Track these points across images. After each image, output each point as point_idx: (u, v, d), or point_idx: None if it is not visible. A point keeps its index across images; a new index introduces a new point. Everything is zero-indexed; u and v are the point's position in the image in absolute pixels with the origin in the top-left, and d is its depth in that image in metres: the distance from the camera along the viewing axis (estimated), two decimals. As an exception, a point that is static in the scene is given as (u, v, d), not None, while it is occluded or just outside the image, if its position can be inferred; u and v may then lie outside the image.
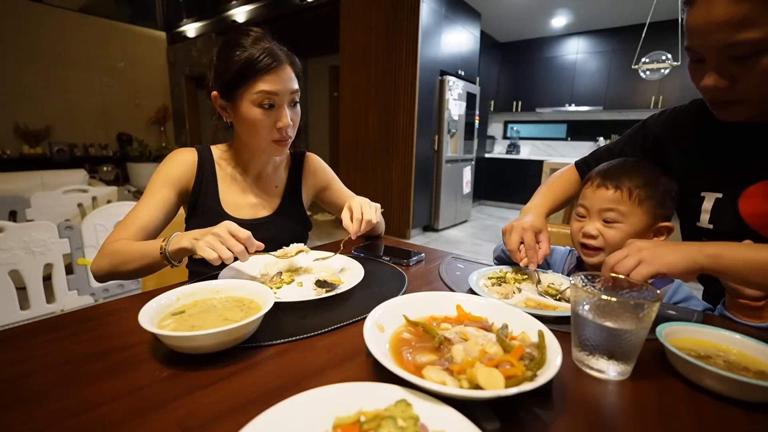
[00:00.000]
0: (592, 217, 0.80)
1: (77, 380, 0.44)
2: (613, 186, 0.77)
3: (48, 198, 2.60)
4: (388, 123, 4.05)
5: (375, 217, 0.83)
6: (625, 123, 5.57)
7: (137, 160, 6.19)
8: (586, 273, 0.55)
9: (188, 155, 0.91)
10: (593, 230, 0.79)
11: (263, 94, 0.80)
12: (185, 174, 0.89)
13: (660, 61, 3.54)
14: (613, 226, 0.78)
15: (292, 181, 1.03)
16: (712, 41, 0.56)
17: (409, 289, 0.74)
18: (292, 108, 0.87)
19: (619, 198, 0.77)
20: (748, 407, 0.42)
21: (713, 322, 0.63)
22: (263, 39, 0.82)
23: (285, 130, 0.85)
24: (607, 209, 0.78)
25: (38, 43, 5.60)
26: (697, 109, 0.81)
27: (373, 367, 0.47)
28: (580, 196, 0.85)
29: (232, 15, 5.76)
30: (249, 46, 0.80)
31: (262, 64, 0.79)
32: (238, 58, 0.79)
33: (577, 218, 0.84)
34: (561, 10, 4.81)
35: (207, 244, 0.65)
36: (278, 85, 0.81)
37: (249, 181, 0.97)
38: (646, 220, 0.77)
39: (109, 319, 0.59)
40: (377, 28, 3.96)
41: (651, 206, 0.76)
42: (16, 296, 1.68)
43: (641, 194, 0.76)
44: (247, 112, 0.82)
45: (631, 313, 0.45)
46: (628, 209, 0.76)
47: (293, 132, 0.89)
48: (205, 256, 0.64)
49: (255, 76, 0.80)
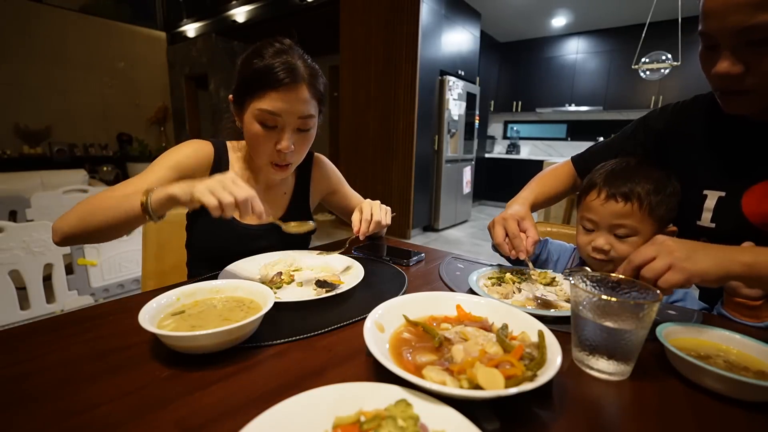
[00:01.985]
0: (602, 230, 0.77)
1: (77, 380, 0.44)
2: (623, 198, 0.74)
3: (48, 198, 2.60)
4: (388, 123, 4.05)
5: (385, 219, 0.82)
6: (625, 123, 5.50)
7: (137, 160, 6.20)
8: (586, 273, 0.55)
9: (204, 148, 0.87)
10: (605, 245, 0.75)
11: (263, 113, 0.76)
12: (196, 166, 0.84)
13: (660, 61, 3.54)
14: (626, 241, 0.75)
15: (300, 185, 1.01)
16: (729, 23, 0.55)
17: (409, 289, 0.74)
18: (301, 133, 0.81)
19: (629, 211, 0.73)
20: (748, 407, 0.42)
21: (713, 322, 0.63)
22: (287, 52, 0.77)
23: (284, 154, 0.79)
24: (619, 225, 0.74)
25: (38, 43, 5.60)
26: (700, 105, 0.80)
27: (373, 367, 0.47)
28: (584, 208, 0.81)
29: (232, 15, 5.76)
30: (269, 56, 0.76)
31: (271, 78, 0.74)
32: (254, 66, 0.76)
33: (584, 231, 0.81)
34: (561, 10, 4.81)
35: (207, 187, 0.59)
36: (283, 106, 0.75)
37: (259, 188, 0.94)
38: (656, 227, 0.75)
39: (109, 319, 0.59)
40: (377, 28, 3.96)
41: (661, 213, 0.74)
42: (16, 296, 1.68)
43: (652, 202, 0.73)
44: (249, 125, 0.79)
45: (631, 313, 0.45)
46: (639, 221, 0.73)
47: (297, 158, 0.84)
48: (204, 200, 0.59)
49: (262, 90, 0.75)
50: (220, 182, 0.60)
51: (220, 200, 0.58)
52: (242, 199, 0.60)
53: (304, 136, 0.82)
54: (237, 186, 0.61)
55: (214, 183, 0.60)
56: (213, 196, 0.58)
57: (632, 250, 0.70)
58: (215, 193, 0.59)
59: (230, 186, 0.60)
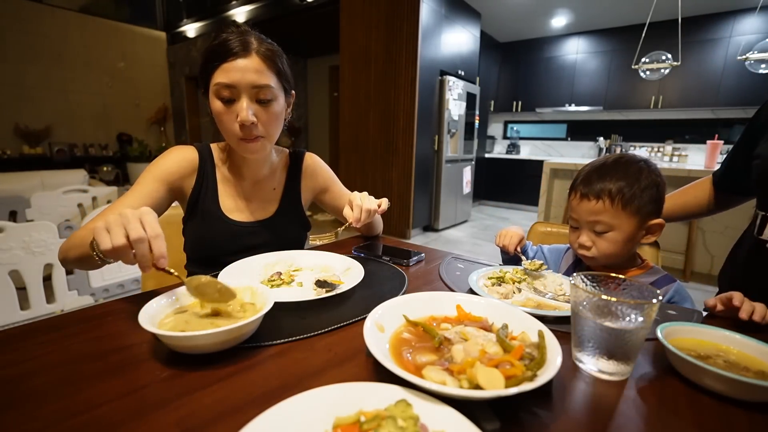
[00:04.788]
0: (583, 228, 0.81)
1: (77, 380, 0.44)
2: (594, 196, 0.77)
3: (48, 198, 2.60)
4: (388, 123, 4.05)
5: (374, 205, 0.83)
6: (625, 123, 5.58)
7: (137, 160, 6.20)
8: (586, 273, 0.55)
9: (188, 153, 0.88)
10: (587, 241, 0.81)
11: (219, 87, 0.76)
12: (182, 172, 0.86)
13: (660, 61, 3.54)
14: (604, 237, 0.78)
15: (291, 182, 1.01)
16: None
17: (409, 289, 0.74)
18: (262, 105, 0.79)
19: (601, 208, 0.77)
20: (748, 407, 0.42)
21: (713, 322, 0.63)
22: (243, 33, 0.78)
23: (248, 127, 0.78)
24: (594, 221, 0.78)
25: (38, 43, 5.60)
26: None
27: (373, 367, 0.47)
28: (569, 208, 0.86)
29: (232, 15, 5.76)
30: (224, 36, 0.77)
31: (222, 51, 0.75)
32: (209, 47, 0.77)
33: (571, 229, 0.86)
34: (561, 10, 4.81)
35: (105, 225, 0.51)
36: (235, 75, 0.75)
37: (247, 183, 0.95)
38: (634, 222, 0.77)
39: (109, 319, 0.59)
40: (377, 28, 3.96)
41: (636, 207, 0.76)
42: (16, 296, 1.68)
43: (623, 197, 0.75)
44: (212, 104, 0.79)
45: (631, 313, 0.45)
46: (613, 216, 0.77)
47: (265, 131, 0.81)
48: (98, 240, 0.51)
49: (217, 63, 0.76)
50: (121, 217, 0.52)
51: (112, 239, 0.51)
52: (134, 238, 0.50)
53: (266, 109, 0.80)
54: (135, 223, 0.52)
55: (113, 219, 0.52)
56: (108, 237, 0.51)
57: (612, 246, 0.78)
58: (110, 230, 0.51)
59: (130, 223, 0.51)
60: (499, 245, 0.95)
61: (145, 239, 0.51)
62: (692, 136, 5.06)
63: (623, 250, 0.79)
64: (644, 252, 1.01)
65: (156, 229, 0.53)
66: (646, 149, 5.32)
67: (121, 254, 0.52)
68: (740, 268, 0.87)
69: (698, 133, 4.98)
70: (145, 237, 0.51)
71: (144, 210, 0.54)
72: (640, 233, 0.79)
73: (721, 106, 4.64)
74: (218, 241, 0.89)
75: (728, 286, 0.76)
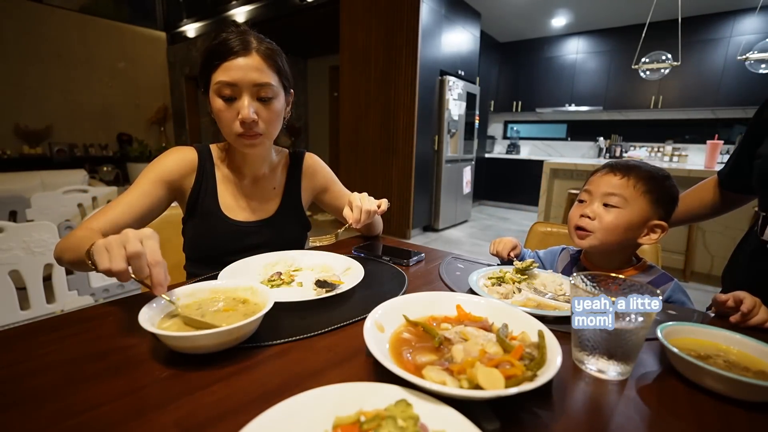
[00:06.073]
0: (594, 200, 0.83)
1: (77, 380, 0.44)
2: (622, 172, 0.81)
3: (48, 198, 2.60)
4: (388, 123, 4.05)
5: (373, 206, 0.83)
6: (625, 123, 5.58)
7: (137, 161, 6.20)
8: (586, 273, 0.55)
9: (188, 153, 0.89)
10: (591, 212, 0.82)
11: (220, 85, 0.77)
12: (182, 172, 0.87)
13: (660, 61, 3.54)
14: (612, 210, 0.80)
15: (291, 182, 1.01)
16: None
17: (409, 289, 0.74)
18: (263, 103, 0.80)
19: (624, 184, 0.80)
20: (748, 407, 0.42)
21: (713, 322, 0.63)
22: (243, 33, 0.79)
23: (248, 124, 0.79)
24: (611, 193, 0.81)
25: (38, 43, 5.60)
26: None
27: (373, 367, 0.47)
28: (586, 184, 0.87)
29: (232, 15, 5.76)
30: (224, 35, 0.78)
31: (223, 50, 0.76)
32: (209, 47, 0.78)
33: (578, 203, 0.87)
34: (561, 10, 4.81)
35: (105, 245, 0.51)
36: (236, 74, 0.76)
37: (246, 182, 0.95)
38: (644, 212, 0.79)
39: (109, 319, 0.59)
40: (377, 28, 3.96)
41: (652, 199, 0.79)
42: (16, 296, 1.68)
43: (646, 185, 0.79)
44: (213, 103, 0.80)
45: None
46: (631, 196, 0.79)
47: (266, 128, 0.82)
48: (96, 259, 0.52)
49: (218, 62, 0.77)
50: (121, 241, 0.52)
51: (110, 259, 0.51)
52: (131, 252, 0.50)
53: (267, 106, 0.81)
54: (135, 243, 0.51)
55: (115, 241, 0.52)
56: (107, 257, 0.51)
57: (616, 221, 0.79)
58: (110, 250, 0.51)
59: (130, 242, 0.51)
60: (493, 252, 0.96)
61: (140, 255, 0.51)
62: (692, 136, 5.06)
63: (621, 235, 0.79)
64: (645, 251, 1.01)
65: (156, 255, 0.52)
66: (646, 149, 5.32)
67: (116, 273, 0.51)
68: (743, 268, 0.87)
69: (698, 133, 4.98)
70: (139, 252, 0.50)
71: (146, 233, 0.53)
72: (643, 228, 0.79)
73: (721, 106, 4.64)
74: (218, 240, 0.89)
75: (732, 286, 0.76)
